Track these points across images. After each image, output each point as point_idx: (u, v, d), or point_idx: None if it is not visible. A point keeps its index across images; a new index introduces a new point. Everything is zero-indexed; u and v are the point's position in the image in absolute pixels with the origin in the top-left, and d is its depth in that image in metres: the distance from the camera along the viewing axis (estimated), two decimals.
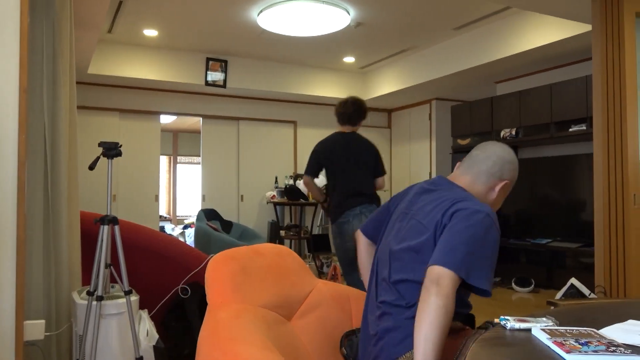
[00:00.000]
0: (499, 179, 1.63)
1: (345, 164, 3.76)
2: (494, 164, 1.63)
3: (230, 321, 1.36)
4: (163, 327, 2.81)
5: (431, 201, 1.56)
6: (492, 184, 1.62)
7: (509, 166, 1.64)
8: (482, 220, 1.42)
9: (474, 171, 1.64)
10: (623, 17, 3.30)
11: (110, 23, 5.58)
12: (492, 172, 1.63)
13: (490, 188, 1.63)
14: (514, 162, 1.66)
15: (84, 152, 6.42)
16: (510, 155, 1.66)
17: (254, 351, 1.20)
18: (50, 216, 2.51)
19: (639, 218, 3.27)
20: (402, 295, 1.49)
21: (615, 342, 1.07)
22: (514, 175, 1.65)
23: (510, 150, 1.68)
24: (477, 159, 1.65)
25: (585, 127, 5.25)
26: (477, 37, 5.82)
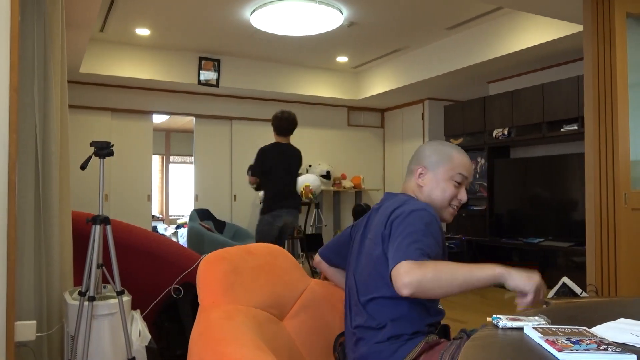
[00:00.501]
0: (415, 167, 1.65)
1: (281, 170, 4.72)
2: (412, 158, 1.69)
3: (221, 322, 1.36)
4: (155, 328, 2.80)
5: (378, 217, 1.57)
6: (414, 176, 1.65)
7: (424, 153, 1.65)
8: (420, 217, 1.43)
9: (406, 174, 1.71)
10: (614, 17, 3.33)
11: (102, 22, 5.55)
12: (411, 167, 1.68)
13: (415, 180, 1.65)
14: (434, 147, 1.64)
15: (76, 152, 6.38)
16: (430, 143, 1.67)
17: (246, 352, 1.19)
18: (42, 216, 2.49)
19: (629, 217, 3.30)
20: (371, 316, 1.49)
21: (606, 340, 1.08)
22: (438, 160, 1.62)
23: (437, 141, 1.69)
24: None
25: (576, 127, 5.28)
26: (470, 37, 5.84)
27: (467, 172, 1.62)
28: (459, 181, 1.60)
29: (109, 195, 6.86)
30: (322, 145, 8.29)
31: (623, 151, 3.29)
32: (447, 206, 1.63)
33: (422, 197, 1.62)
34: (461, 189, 1.62)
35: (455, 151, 1.63)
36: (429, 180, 1.62)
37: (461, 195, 1.62)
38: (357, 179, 8.32)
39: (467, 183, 1.65)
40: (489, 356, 1.05)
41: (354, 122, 8.61)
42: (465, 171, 1.61)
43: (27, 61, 2.48)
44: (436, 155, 1.63)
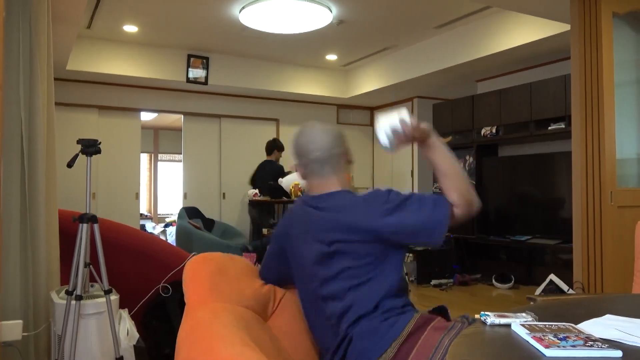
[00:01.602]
0: (345, 150, 1.75)
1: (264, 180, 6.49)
2: (335, 143, 1.72)
3: (209, 320, 1.35)
4: (143, 327, 2.78)
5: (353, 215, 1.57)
6: (345, 160, 1.73)
7: (341, 136, 1.76)
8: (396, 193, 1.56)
9: (328, 168, 1.69)
10: (601, 17, 3.36)
11: (89, 18, 5.49)
12: (339, 152, 1.71)
13: (346, 165, 1.75)
14: (335, 129, 1.74)
15: (62, 150, 6.28)
16: (329, 126, 1.74)
17: (234, 349, 1.19)
18: (28, 214, 2.46)
19: (615, 215, 3.33)
20: (361, 299, 1.49)
21: (592, 336, 1.09)
22: (345, 137, 1.76)
23: (322, 124, 1.73)
24: (322, 156, 1.68)
25: (564, 126, 5.33)
26: (458, 36, 5.86)
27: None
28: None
29: (97, 194, 6.80)
30: None
31: (609, 149, 3.32)
32: None
33: (346, 181, 1.71)
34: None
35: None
36: (350, 159, 1.76)
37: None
38: (346, 177, 8.32)
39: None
40: (477, 352, 1.06)
41: (343, 120, 8.61)
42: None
43: (13, 58, 2.45)
44: (341, 134, 1.73)
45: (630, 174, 3.63)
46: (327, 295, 1.52)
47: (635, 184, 3.63)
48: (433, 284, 5.75)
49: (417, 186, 7.73)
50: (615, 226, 3.32)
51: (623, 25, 3.61)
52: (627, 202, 3.39)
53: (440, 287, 5.67)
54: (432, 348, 1.38)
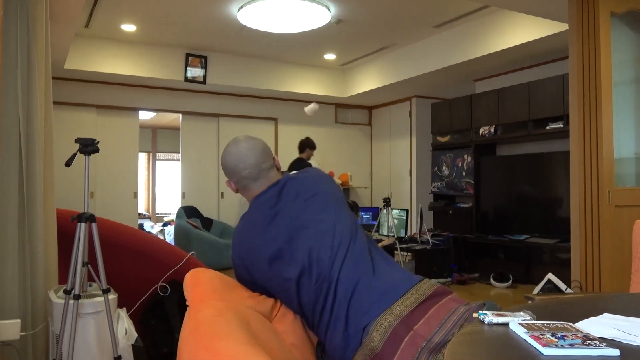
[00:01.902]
0: (273, 160, 1.83)
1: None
2: (262, 160, 1.77)
3: (212, 318, 1.34)
4: (141, 326, 2.78)
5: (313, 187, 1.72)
6: (274, 169, 1.80)
7: (267, 148, 1.84)
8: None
9: (263, 179, 1.76)
10: (599, 16, 3.36)
11: (87, 17, 5.49)
12: (268, 165, 1.78)
13: (277, 173, 1.81)
14: (260, 143, 1.83)
15: (60, 149, 6.31)
16: (255, 141, 1.81)
17: (239, 348, 1.18)
18: (26, 214, 2.46)
19: (613, 214, 3.34)
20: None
21: (590, 335, 1.09)
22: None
23: (247, 140, 1.80)
24: (253, 172, 1.75)
25: (562, 125, 5.33)
26: (457, 35, 5.87)
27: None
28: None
29: (95, 193, 6.80)
30: None
31: (607, 149, 3.33)
32: None
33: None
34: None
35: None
36: (279, 166, 1.88)
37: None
38: (344, 176, 8.33)
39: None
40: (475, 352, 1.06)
41: (341, 119, 8.61)
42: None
43: (10, 57, 2.45)
44: (266, 145, 1.85)
45: (628, 174, 3.63)
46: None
47: (633, 184, 3.64)
48: None
49: (415, 185, 7.74)
50: (613, 225, 3.32)
51: (621, 25, 3.61)
52: (625, 201, 3.39)
53: None
54: (447, 312, 1.47)
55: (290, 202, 1.66)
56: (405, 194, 7.95)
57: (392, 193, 8.13)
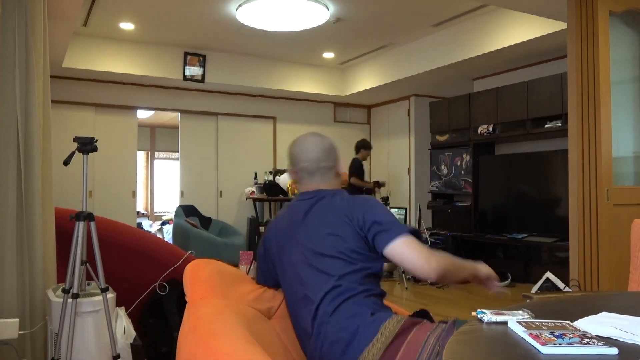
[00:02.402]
0: (335, 164, 1.81)
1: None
2: (323, 159, 1.78)
3: (211, 317, 1.34)
4: (140, 325, 2.78)
5: (325, 209, 1.67)
6: (333, 172, 1.80)
7: (333, 149, 1.81)
8: (378, 203, 1.67)
9: (317, 178, 1.77)
10: (597, 15, 3.36)
11: (85, 16, 5.47)
12: (328, 165, 1.78)
13: (337, 176, 1.82)
14: (331, 140, 1.82)
15: (59, 147, 6.30)
16: (323, 139, 1.80)
17: (238, 346, 1.18)
18: (24, 213, 2.46)
19: (611, 213, 3.34)
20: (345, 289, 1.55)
21: (588, 334, 1.09)
22: (338, 149, 1.83)
23: (316, 136, 1.80)
24: (310, 167, 1.76)
25: (560, 124, 5.34)
26: (455, 34, 5.87)
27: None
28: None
29: (93, 192, 6.79)
30: None
31: (605, 148, 3.33)
32: None
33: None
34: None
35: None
36: (339, 171, 1.86)
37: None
38: (343, 175, 8.32)
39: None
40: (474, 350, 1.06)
41: (340, 118, 8.61)
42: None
43: (8, 55, 2.44)
44: (334, 147, 1.83)
45: (627, 172, 3.64)
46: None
47: (632, 182, 3.64)
48: (430, 282, 5.76)
49: (414, 184, 7.74)
50: (611, 224, 3.33)
51: (619, 24, 3.62)
52: (623, 200, 3.40)
53: (437, 285, 5.69)
54: (419, 346, 1.38)
55: (306, 225, 1.65)
56: (404, 192, 7.95)
57: (390, 192, 8.13)
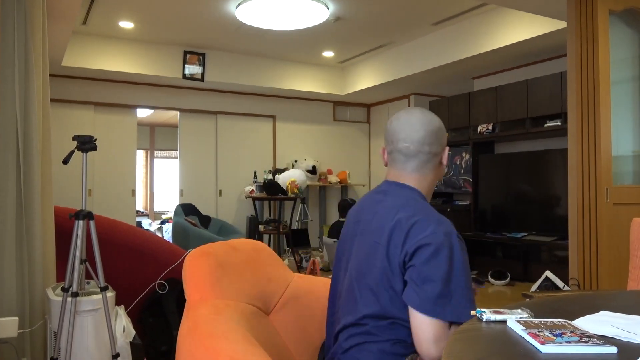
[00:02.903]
0: (437, 149, 1.43)
1: None
2: (431, 139, 1.42)
3: (211, 317, 1.34)
4: (139, 323, 2.78)
5: (383, 214, 1.37)
6: (437, 162, 1.45)
7: (436, 127, 1.44)
8: (459, 252, 1.27)
9: (413, 164, 1.42)
10: (597, 14, 3.36)
11: (84, 14, 5.47)
12: (433, 151, 1.43)
13: (439, 166, 1.46)
14: (433, 117, 1.44)
15: (58, 146, 6.29)
16: (432, 117, 1.44)
17: (238, 347, 1.18)
18: (23, 211, 2.46)
19: (611, 212, 3.34)
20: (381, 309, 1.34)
21: (588, 333, 1.09)
22: (444, 132, 1.46)
23: (424, 112, 1.45)
24: (411, 148, 1.42)
25: (560, 123, 5.34)
26: (455, 33, 5.86)
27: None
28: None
29: (93, 191, 6.79)
30: (308, 140, 8.28)
31: (605, 147, 3.33)
32: None
33: (436, 183, 1.46)
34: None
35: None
36: (444, 162, 1.47)
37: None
38: (343, 174, 8.33)
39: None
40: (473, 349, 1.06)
41: (339, 117, 8.61)
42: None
43: (8, 54, 2.44)
44: (443, 129, 1.44)
45: (626, 171, 3.64)
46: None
47: (631, 181, 3.65)
48: None
49: None
50: (610, 223, 3.33)
51: (619, 23, 3.62)
52: (623, 199, 3.40)
53: None
54: None
55: (363, 229, 1.42)
56: None
57: None
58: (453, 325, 1.24)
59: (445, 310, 1.23)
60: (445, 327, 1.24)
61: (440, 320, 1.23)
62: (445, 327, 1.24)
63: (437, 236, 1.26)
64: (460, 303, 1.24)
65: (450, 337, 1.14)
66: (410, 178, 1.43)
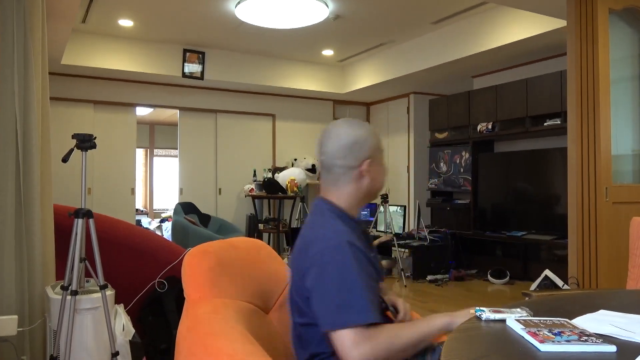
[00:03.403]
0: (354, 162, 1.40)
1: None
2: (343, 153, 1.40)
3: (210, 316, 1.35)
4: (139, 322, 2.78)
5: (302, 235, 1.42)
6: (355, 175, 1.41)
7: (361, 138, 1.41)
8: (342, 257, 1.28)
9: (330, 177, 1.43)
10: (597, 13, 3.36)
11: (84, 12, 5.46)
12: (347, 164, 1.40)
13: (357, 179, 1.42)
14: (361, 128, 1.41)
15: (57, 145, 6.28)
16: (349, 130, 1.41)
17: (237, 346, 1.19)
18: (23, 210, 2.45)
19: (610, 211, 3.35)
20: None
21: (587, 331, 1.09)
22: (374, 144, 1.41)
23: (347, 120, 1.44)
24: (326, 161, 1.43)
25: (559, 122, 5.34)
26: (455, 31, 5.86)
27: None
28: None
29: (92, 189, 6.79)
30: (308, 138, 8.28)
31: (605, 146, 3.33)
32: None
33: (367, 192, 1.44)
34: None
35: (369, 126, 1.45)
36: (376, 170, 1.43)
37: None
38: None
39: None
40: (473, 348, 1.06)
41: (339, 115, 8.60)
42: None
43: (7, 52, 2.44)
44: (371, 140, 1.42)
45: (626, 170, 3.64)
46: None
47: (631, 180, 3.65)
48: (429, 280, 5.77)
49: (413, 182, 7.74)
50: (610, 222, 3.33)
51: (619, 21, 3.61)
52: (622, 198, 3.40)
53: (436, 282, 5.69)
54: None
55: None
56: (403, 190, 7.95)
57: (389, 189, 8.14)
58: (370, 326, 1.23)
59: (344, 317, 1.23)
60: (357, 331, 1.22)
61: (344, 329, 1.22)
62: (357, 331, 1.22)
63: (322, 254, 1.29)
64: (356, 307, 1.23)
65: (449, 335, 1.14)
66: (328, 191, 1.45)
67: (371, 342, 1.20)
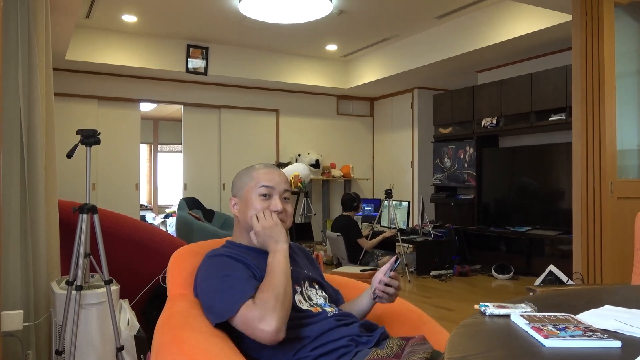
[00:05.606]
0: (230, 201, 1.68)
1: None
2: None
3: (185, 311, 1.40)
4: (143, 317, 2.79)
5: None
6: (235, 207, 1.64)
7: (232, 185, 1.68)
8: (206, 267, 1.48)
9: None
10: (602, 7, 3.34)
11: (87, 8, 5.46)
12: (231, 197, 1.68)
13: (234, 215, 1.66)
14: (237, 175, 1.67)
15: (62, 140, 6.25)
16: (244, 169, 1.67)
17: (201, 337, 1.27)
18: (28, 205, 2.46)
19: (615, 206, 3.33)
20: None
21: (591, 327, 1.09)
22: (240, 184, 1.62)
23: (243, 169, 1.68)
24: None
25: (564, 116, 5.32)
26: (459, 26, 5.83)
27: (269, 182, 1.56)
28: (264, 193, 1.55)
29: (97, 185, 6.80)
30: (311, 134, 8.27)
31: (610, 140, 3.32)
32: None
33: (242, 226, 1.62)
34: (272, 199, 1.56)
35: (255, 168, 1.62)
36: (241, 207, 1.61)
37: (272, 205, 1.54)
38: (346, 167, 8.32)
39: (279, 192, 1.57)
40: (477, 343, 1.06)
41: (343, 111, 8.59)
42: (266, 182, 1.56)
43: (11, 48, 2.44)
44: (238, 181, 1.64)
45: (631, 165, 3.63)
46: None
47: (636, 175, 3.63)
48: (433, 275, 5.76)
49: (417, 177, 7.73)
50: (615, 217, 3.32)
51: (625, 16, 3.59)
52: (627, 193, 3.39)
53: (440, 278, 5.69)
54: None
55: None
56: (407, 185, 7.94)
57: (393, 185, 8.13)
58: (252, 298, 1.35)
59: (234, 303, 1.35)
60: (241, 313, 1.31)
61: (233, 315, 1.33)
62: (241, 314, 1.31)
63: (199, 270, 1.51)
64: (225, 298, 1.36)
65: (453, 331, 1.14)
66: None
67: (264, 306, 1.30)
